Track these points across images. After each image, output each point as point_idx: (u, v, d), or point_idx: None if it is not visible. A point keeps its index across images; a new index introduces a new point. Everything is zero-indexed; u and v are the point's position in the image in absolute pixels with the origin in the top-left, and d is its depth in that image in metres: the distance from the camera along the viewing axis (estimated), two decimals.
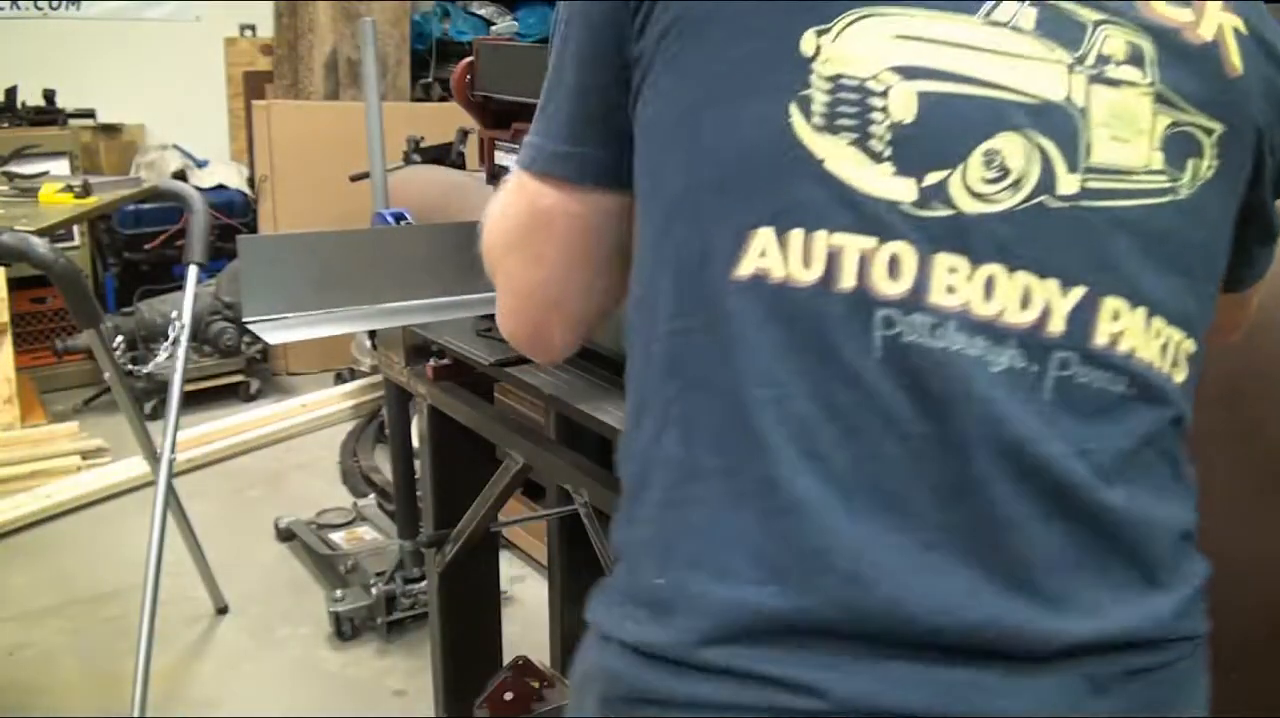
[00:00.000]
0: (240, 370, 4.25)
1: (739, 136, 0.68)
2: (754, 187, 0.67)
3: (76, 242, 4.23)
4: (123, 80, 4.65)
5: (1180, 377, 0.71)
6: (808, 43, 0.67)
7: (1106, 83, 0.68)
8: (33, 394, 3.98)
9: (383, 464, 3.49)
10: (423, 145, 3.51)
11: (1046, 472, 0.64)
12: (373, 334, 2.03)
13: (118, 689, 2.29)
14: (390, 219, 1.77)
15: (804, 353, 0.65)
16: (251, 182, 4.69)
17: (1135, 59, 0.70)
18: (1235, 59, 0.73)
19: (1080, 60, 0.68)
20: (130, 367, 3.81)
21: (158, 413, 3.72)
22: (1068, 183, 0.66)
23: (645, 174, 0.76)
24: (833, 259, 0.65)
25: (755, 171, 0.67)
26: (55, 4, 4.62)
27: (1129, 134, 0.68)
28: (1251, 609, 1.59)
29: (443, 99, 4.84)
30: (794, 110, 0.67)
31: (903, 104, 0.66)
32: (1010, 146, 0.65)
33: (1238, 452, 1.58)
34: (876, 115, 0.66)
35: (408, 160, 3.49)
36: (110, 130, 4.61)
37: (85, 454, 3.61)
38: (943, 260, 0.64)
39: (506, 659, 2.08)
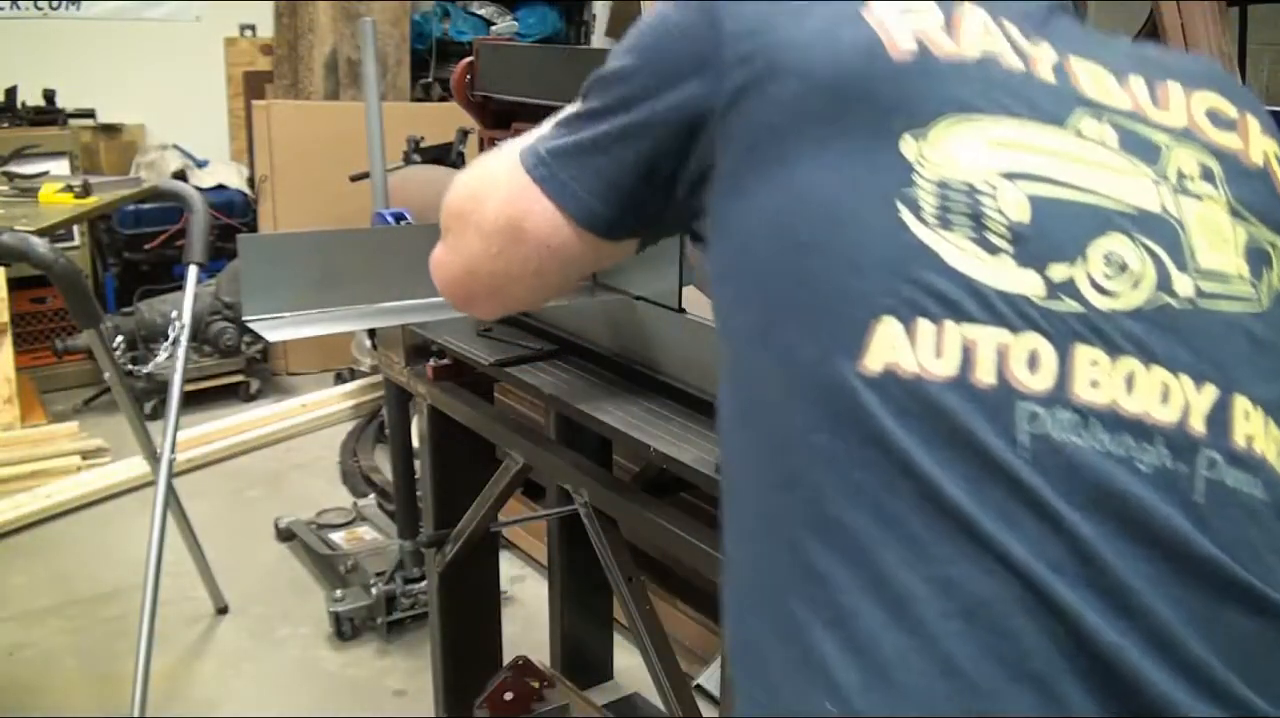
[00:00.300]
0: (240, 370, 4.24)
1: (846, 235, 0.68)
2: (869, 282, 0.67)
3: (76, 242, 4.23)
4: (123, 80, 4.66)
5: None
6: (907, 146, 0.69)
7: (1190, 195, 0.71)
8: (33, 394, 3.98)
9: (383, 464, 3.49)
10: (423, 145, 3.51)
11: (1213, 573, 0.62)
12: (373, 334, 2.03)
13: (118, 689, 2.29)
14: (390, 219, 1.77)
15: (948, 448, 0.63)
16: (251, 182, 4.69)
17: (1207, 176, 0.72)
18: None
19: (1163, 176, 0.70)
20: (130, 367, 3.81)
21: (158, 413, 3.72)
22: (1183, 283, 0.67)
23: (731, 272, 0.75)
24: (968, 352, 0.64)
25: (868, 267, 0.67)
26: (55, 4, 4.62)
27: (1220, 242, 0.70)
28: None
29: (443, 99, 4.84)
30: (902, 208, 0.68)
31: (1014, 204, 0.67)
32: (1124, 248, 0.67)
33: None
34: (990, 213, 0.67)
35: (408, 160, 3.49)
36: (110, 130, 4.61)
37: (85, 454, 3.61)
38: (1083, 354, 0.64)
39: (506, 659, 2.09)
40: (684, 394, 1.57)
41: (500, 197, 0.87)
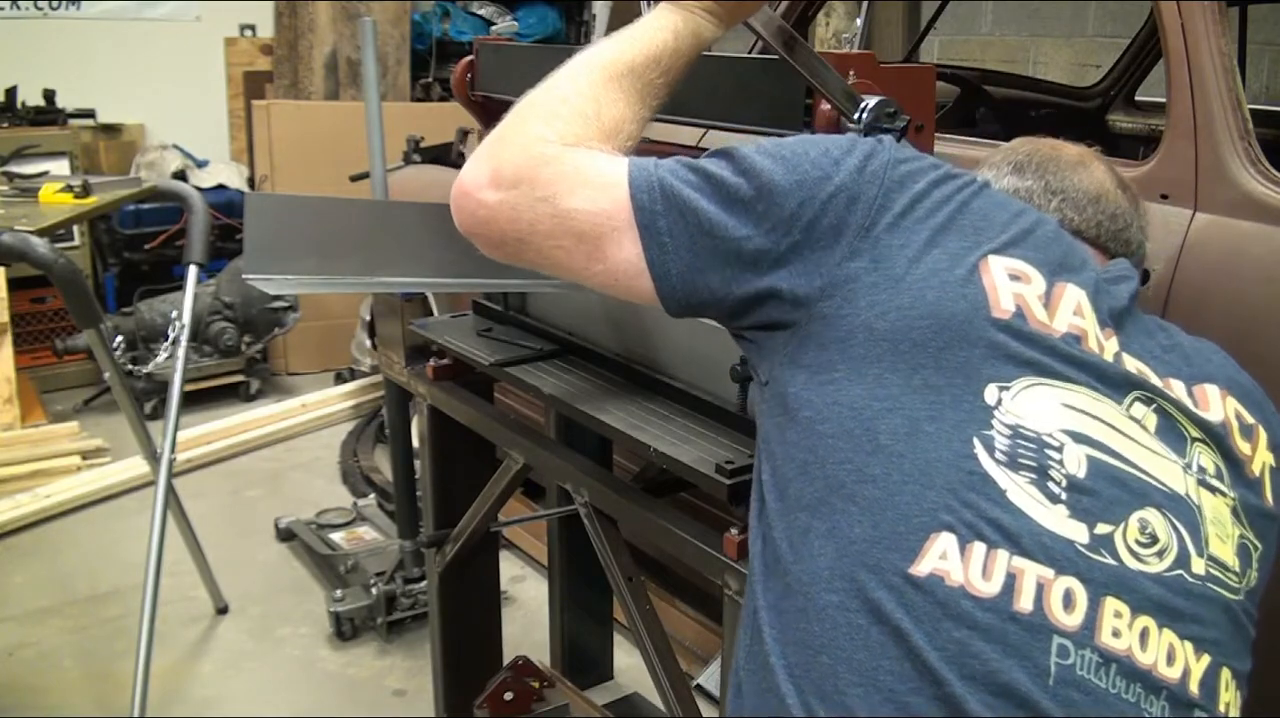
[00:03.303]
0: (240, 370, 4.25)
1: (922, 453, 0.77)
2: (936, 496, 0.76)
3: (76, 242, 4.23)
4: (123, 80, 4.66)
5: None
6: (990, 394, 0.80)
7: (1208, 489, 0.83)
8: (33, 394, 3.98)
9: (383, 464, 3.49)
10: (423, 145, 3.51)
11: None
12: (373, 334, 2.03)
13: (118, 689, 2.29)
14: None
15: (978, 660, 0.72)
16: (251, 181, 4.69)
17: (1219, 476, 0.86)
18: (1269, 494, 0.90)
19: (1189, 466, 0.83)
20: (130, 367, 3.81)
21: (158, 413, 3.72)
22: (1197, 564, 0.79)
23: (792, 438, 0.82)
24: (1012, 579, 0.73)
25: (939, 485, 0.76)
26: (55, 4, 4.62)
27: (1224, 535, 0.82)
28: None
29: (443, 99, 4.84)
30: (977, 443, 0.78)
31: (1076, 461, 0.78)
32: (1156, 521, 0.78)
33: None
34: (1054, 464, 0.78)
35: (408, 160, 3.49)
36: (110, 130, 4.62)
37: (85, 454, 3.61)
38: (1110, 604, 0.74)
39: (506, 659, 2.08)
40: (684, 394, 1.57)
41: (597, 205, 0.87)
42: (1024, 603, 0.73)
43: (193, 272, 2.46)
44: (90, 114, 4.54)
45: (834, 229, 0.84)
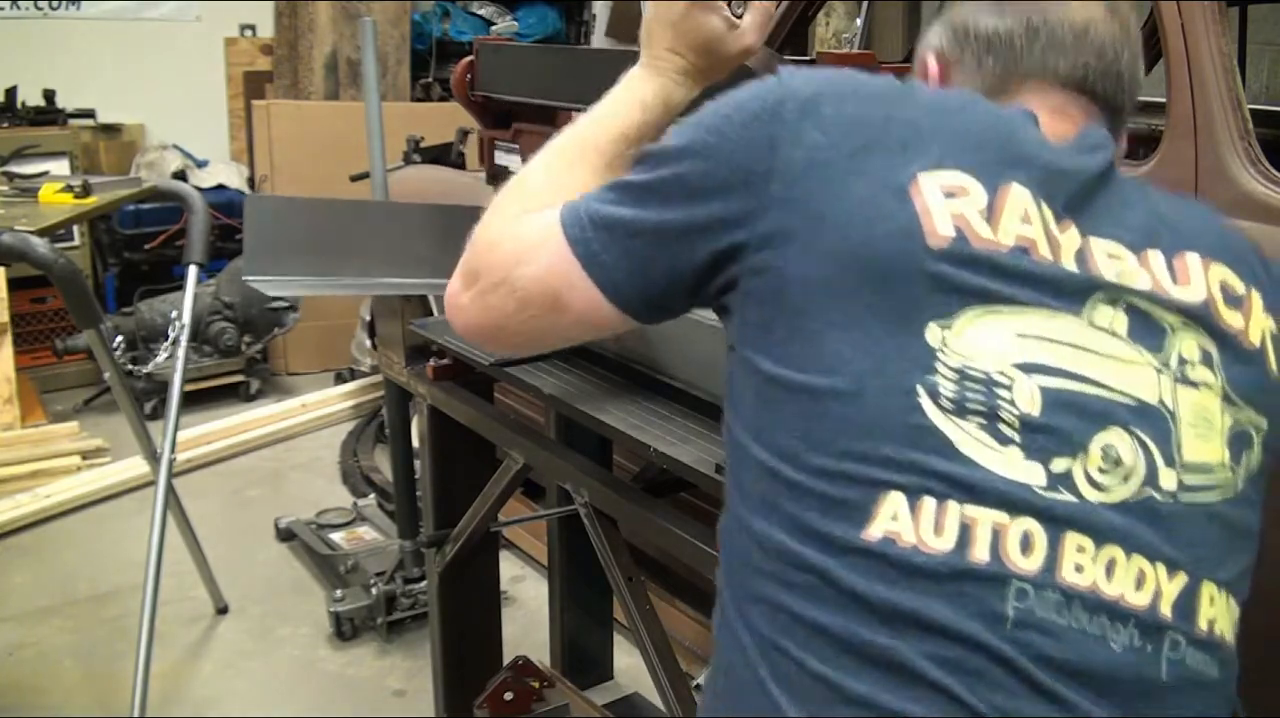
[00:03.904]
0: (240, 370, 4.25)
1: (867, 410, 0.74)
2: (882, 456, 0.73)
3: (76, 242, 4.23)
4: (123, 80, 4.65)
5: (1217, 629, 0.78)
6: (933, 335, 0.75)
7: (1188, 384, 0.78)
8: (33, 394, 3.98)
9: (383, 464, 3.49)
10: (423, 145, 3.51)
11: None
12: (373, 334, 2.04)
13: (118, 689, 2.29)
14: None
15: (934, 615, 0.71)
16: (251, 181, 4.69)
17: (1206, 361, 0.79)
18: (1273, 362, 0.84)
19: (1165, 364, 0.77)
20: (130, 367, 3.81)
21: (158, 413, 3.72)
22: (1167, 478, 0.75)
23: (749, 388, 0.80)
24: (965, 530, 0.71)
25: (884, 443, 0.74)
26: (55, 4, 4.62)
27: (1208, 432, 0.77)
28: (1249, 619, 1.59)
29: (443, 99, 4.84)
30: (922, 392, 0.74)
31: (1028, 397, 0.74)
32: (1120, 442, 0.74)
33: None
34: (1004, 405, 0.74)
35: (408, 160, 3.49)
36: (110, 130, 4.61)
37: (85, 454, 3.61)
38: (1071, 540, 0.72)
39: (506, 659, 2.08)
40: (684, 394, 1.57)
41: (541, 264, 0.88)
42: (979, 554, 0.71)
43: (193, 272, 2.46)
44: (90, 114, 4.54)
45: (746, 182, 0.80)
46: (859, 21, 4.04)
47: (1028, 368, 0.74)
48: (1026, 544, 0.71)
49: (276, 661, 2.58)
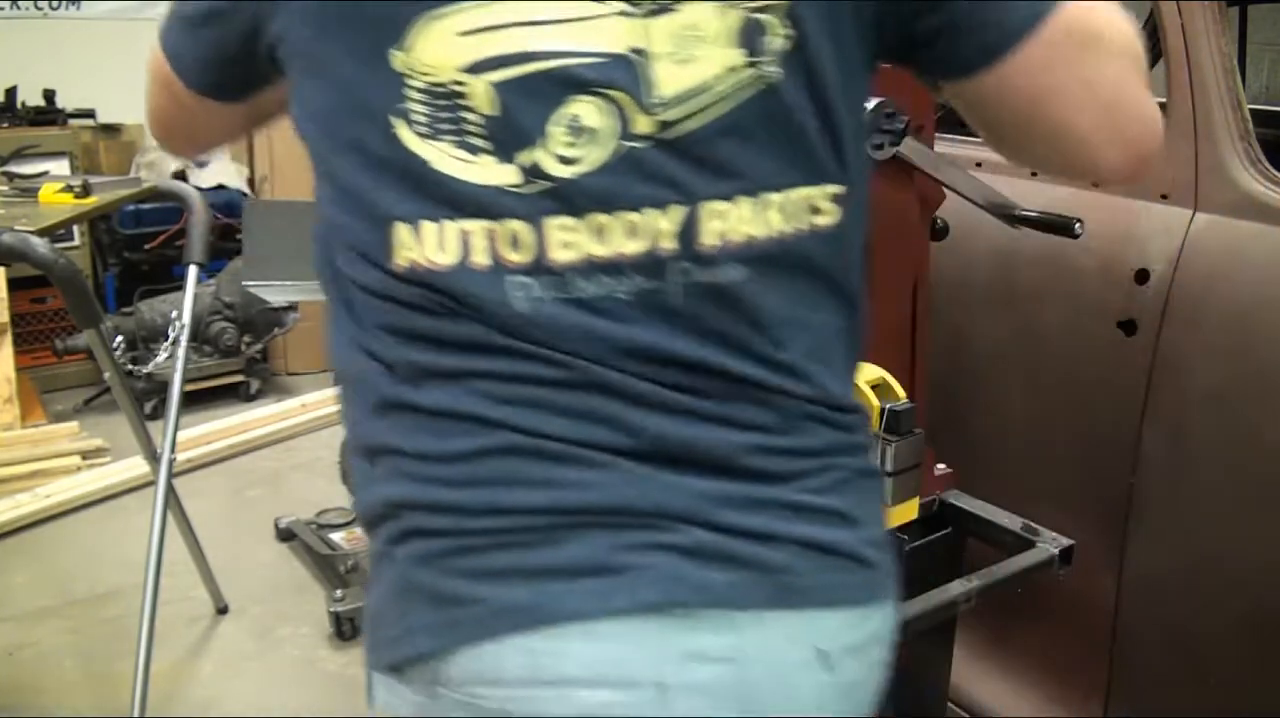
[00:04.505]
0: (240, 370, 4.24)
1: (365, 151, 0.76)
2: (383, 192, 0.75)
3: (76, 242, 4.23)
4: (123, 80, 4.62)
5: (827, 219, 0.77)
6: (397, 60, 0.74)
7: (664, 11, 0.72)
8: (33, 394, 3.98)
9: None
10: None
11: (689, 365, 0.74)
12: None
13: (118, 689, 2.29)
14: None
15: (457, 324, 0.75)
16: (251, 182, 4.69)
17: None
18: None
19: (635, 3, 0.72)
20: (130, 367, 3.81)
21: (158, 413, 3.71)
22: (643, 124, 0.72)
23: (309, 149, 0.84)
24: (465, 242, 0.74)
25: (383, 179, 0.75)
26: (55, 4, 4.62)
27: (696, 52, 0.73)
28: (1250, 620, 1.59)
29: None
30: (397, 122, 0.74)
31: (484, 99, 0.73)
32: (584, 109, 0.72)
33: (1233, 459, 1.58)
34: (467, 114, 0.73)
35: None
36: (110, 130, 4.61)
37: (85, 454, 3.61)
38: (553, 224, 0.73)
39: None
40: None
41: (153, 56, 0.97)
42: (480, 259, 0.73)
43: (193, 272, 2.46)
44: (90, 114, 4.54)
45: None
46: None
47: (476, 67, 0.72)
48: (516, 242, 0.73)
49: (276, 661, 2.58)
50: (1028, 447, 1.83)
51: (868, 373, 1.13)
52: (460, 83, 0.73)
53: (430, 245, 0.74)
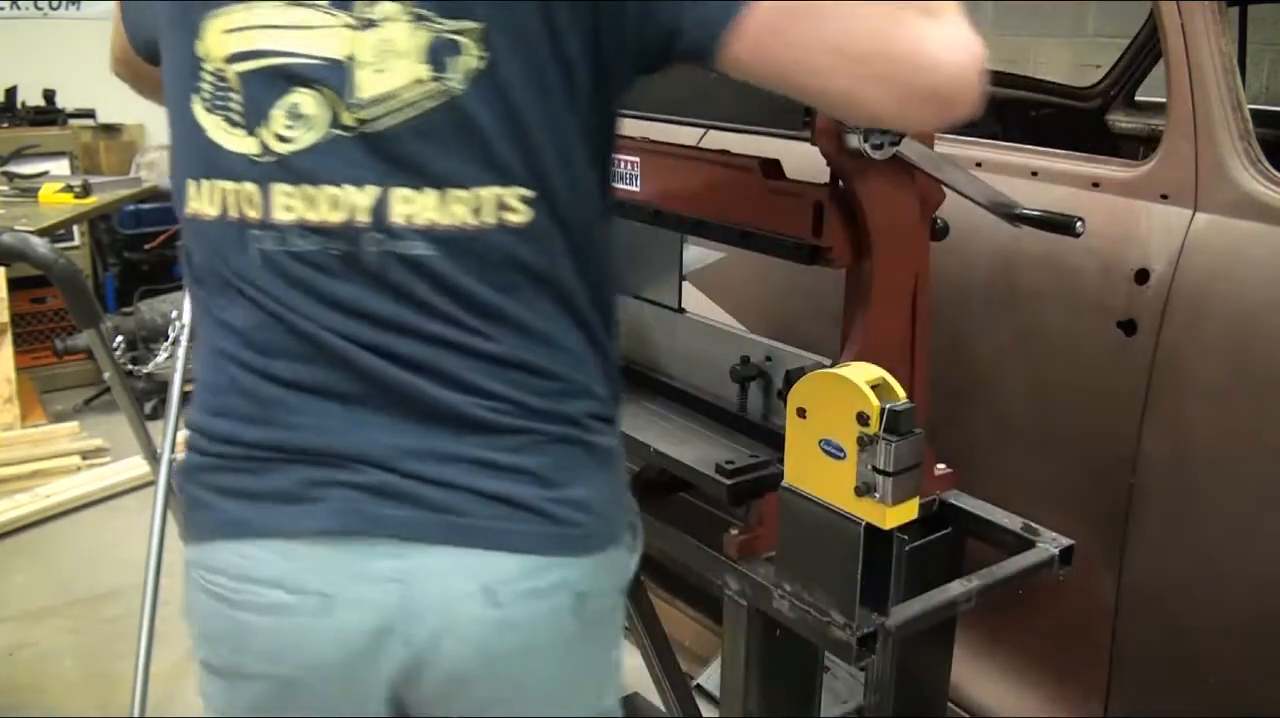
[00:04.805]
0: None
1: (177, 119, 0.96)
2: (182, 153, 0.96)
3: (76, 242, 4.23)
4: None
5: (519, 217, 0.89)
6: (198, 49, 0.93)
7: (370, 27, 0.88)
8: (33, 394, 3.98)
9: None
10: None
11: (376, 318, 0.89)
12: None
13: (118, 689, 2.29)
14: None
15: (217, 262, 0.93)
16: None
17: None
18: None
19: (352, 19, 0.88)
20: (130, 367, 3.81)
21: (158, 413, 3.71)
22: (346, 118, 0.88)
23: None
24: (224, 199, 0.92)
25: (182, 143, 0.96)
26: (55, 4, 4.62)
27: (390, 64, 0.88)
28: (1250, 620, 1.59)
29: None
30: (195, 99, 0.94)
31: (235, 83, 0.91)
32: (303, 99, 0.89)
33: (1233, 459, 1.58)
34: (231, 95, 0.92)
35: None
36: (110, 130, 4.61)
37: (85, 454, 3.61)
38: (277, 189, 0.90)
39: None
40: (684, 394, 1.57)
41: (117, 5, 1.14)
42: (232, 214, 0.91)
43: None
44: (90, 114, 4.54)
45: None
46: None
47: (232, 58, 0.91)
48: (251, 202, 0.90)
49: None
50: (1028, 447, 1.83)
51: (868, 373, 1.13)
52: (224, 70, 0.92)
53: (205, 200, 0.93)
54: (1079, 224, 1.44)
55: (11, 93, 4.37)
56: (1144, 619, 1.71)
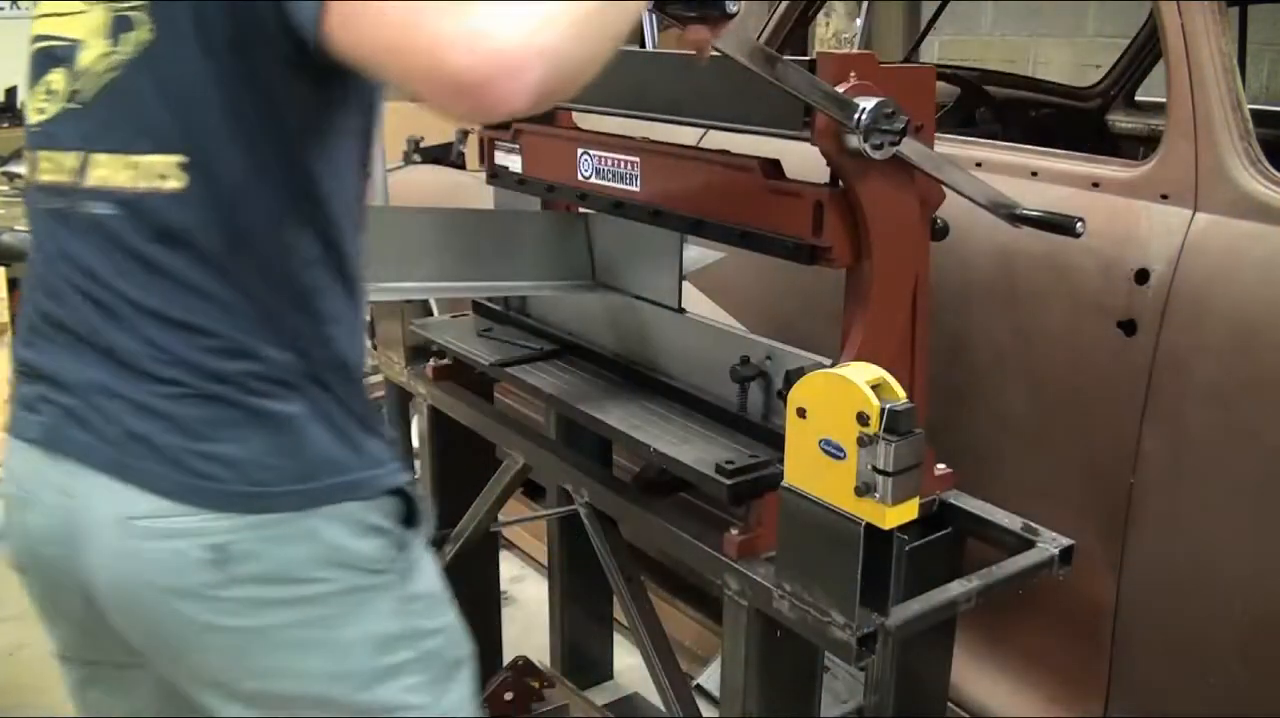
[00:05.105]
0: None
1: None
2: (28, 128, 1.09)
3: None
4: None
5: (174, 184, 0.98)
6: (31, 31, 1.09)
7: (88, 11, 1.02)
8: None
9: None
10: (423, 145, 3.51)
11: (89, 272, 1.01)
12: (372, 334, 2.04)
13: None
14: None
15: (34, 223, 1.09)
16: None
17: None
18: None
19: (94, 4, 1.02)
20: None
21: None
22: (72, 91, 1.02)
23: None
24: (32, 163, 1.07)
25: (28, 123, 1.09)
26: None
27: (90, 41, 1.02)
28: (1250, 620, 1.59)
29: None
30: (23, 82, 1.08)
31: (31, 65, 1.07)
32: (55, 77, 1.04)
33: (1233, 459, 1.58)
34: (34, 76, 1.06)
35: (408, 160, 3.49)
36: None
37: None
38: (41, 154, 1.05)
39: (507, 659, 2.09)
40: (684, 394, 1.58)
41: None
42: (32, 174, 1.07)
43: None
44: None
45: None
46: (859, 22, 4.05)
47: (33, 39, 1.07)
48: (34, 165, 1.06)
49: None
50: (1028, 447, 1.83)
51: (868, 373, 1.13)
52: (30, 53, 1.07)
53: (30, 167, 1.08)
54: (1079, 224, 1.44)
55: (11, 93, 4.37)
56: (1144, 619, 1.72)
